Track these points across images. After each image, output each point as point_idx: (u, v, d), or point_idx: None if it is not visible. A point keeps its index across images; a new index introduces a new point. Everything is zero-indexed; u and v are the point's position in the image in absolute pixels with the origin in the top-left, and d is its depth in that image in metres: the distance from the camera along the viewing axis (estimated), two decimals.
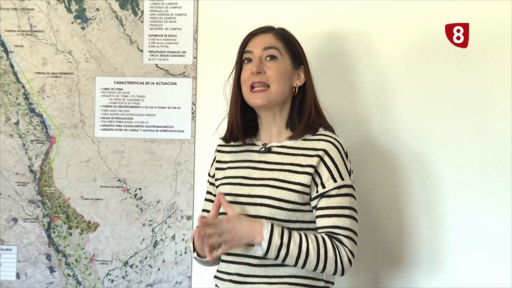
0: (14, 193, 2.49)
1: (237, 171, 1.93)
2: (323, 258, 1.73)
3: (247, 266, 1.81)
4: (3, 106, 2.50)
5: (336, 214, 1.78)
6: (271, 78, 1.85)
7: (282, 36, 1.93)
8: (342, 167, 1.82)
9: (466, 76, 2.54)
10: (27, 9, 2.51)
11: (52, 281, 2.46)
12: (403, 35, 2.50)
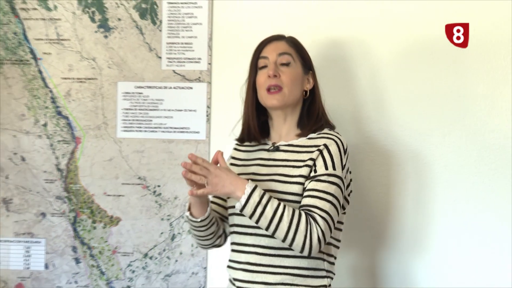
0: (42, 189, 2.57)
1: (248, 168, 2.01)
2: (294, 228, 1.77)
3: (255, 255, 1.88)
4: (33, 109, 2.58)
5: (318, 196, 1.82)
6: (285, 81, 1.93)
7: (294, 43, 2.02)
8: (337, 159, 1.87)
9: (465, 78, 2.56)
10: (54, 19, 2.58)
11: (77, 272, 2.54)
12: (401, 40, 2.54)
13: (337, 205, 1.85)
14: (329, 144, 1.89)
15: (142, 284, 2.53)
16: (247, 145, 2.10)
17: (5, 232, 2.60)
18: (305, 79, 2.00)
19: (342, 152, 1.90)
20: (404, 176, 2.49)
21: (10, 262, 2.60)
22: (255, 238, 1.90)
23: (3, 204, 2.60)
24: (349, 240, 2.41)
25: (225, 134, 2.28)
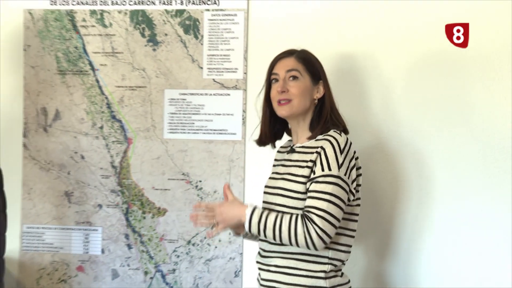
0: (99, 184, 2.72)
1: (275, 168, 2.18)
2: (293, 233, 1.90)
3: (266, 243, 2.06)
4: (90, 114, 2.72)
5: (316, 197, 1.93)
6: (293, 94, 2.06)
7: (302, 58, 2.12)
8: (332, 160, 1.95)
9: (465, 79, 2.56)
10: (110, 35, 2.72)
11: (130, 256, 2.68)
12: (404, 54, 2.57)
13: (336, 201, 1.93)
14: (325, 146, 1.99)
15: (185, 267, 2.65)
16: (283, 147, 2.24)
17: (67, 221, 2.74)
18: (314, 89, 2.10)
19: (337, 152, 1.97)
20: (409, 174, 2.55)
21: (71, 247, 2.75)
22: None
23: (65, 197, 2.74)
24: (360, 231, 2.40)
25: (257, 135, 2.35)
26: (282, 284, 2.01)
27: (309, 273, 1.98)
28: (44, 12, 2.77)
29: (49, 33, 2.77)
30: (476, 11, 2.57)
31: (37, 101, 2.78)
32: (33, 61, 2.79)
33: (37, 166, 2.78)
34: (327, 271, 1.98)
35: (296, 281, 1.98)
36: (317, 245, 1.89)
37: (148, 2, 2.67)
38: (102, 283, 2.72)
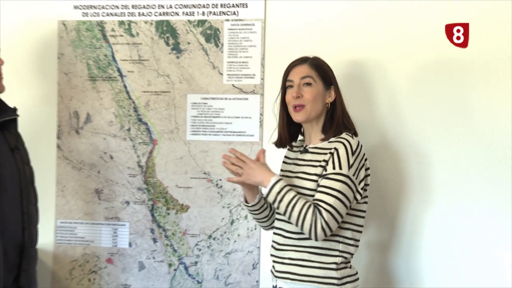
0: (126, 182, 2.79)
1: (289, 166, 2.24)
2: (303, 217, 1.97)
3: (281, 237, 2.14)
4: (119, 117, 2.79)
5: (325, 192, 2.00)
6: (307, 99, 2.12)
7: (315, 65, 2.18)
8: (344, 160, 2.02)
9: (465, 80, 2.54)
10: (137, 43, 2.78)
11: (155, 249, 2.75)
12: (404, 54, 2.58)
13: (342, 199, 2.00)
14: (338, 147, 2.05)
15: (207, 260, 2.71)
16: (295, 147, 2.29)
17: (97, 216, 2.81)
18: (326, 94, 2.16)
19: (349, 154, 2.04)
20: (412, 173, 2.58)
21: (101, 241, 2.81)
22: (282, 223, 2.14)
23: (95, 194, 2.81)
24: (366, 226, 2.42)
25: (275, 137, 2.39)
26: (296, 275, 2.07)
27: (321, 265, 2.05)
28: (76, 23, 2.84)
29: (81, 42, 2.83)
30: (476, 11, 2.55)
31: (69, 105, 2.84)
32: (66, 68, 2.85)
33: (69, 165, 2.84)
34: (338, 263, 2.06)
35: (309, 272, 2.05)
36: (319, 236, 1.98)
37: (172, 13, 2.74)
38: (129, 274, 2.78)
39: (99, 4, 2.82)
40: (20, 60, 2.88)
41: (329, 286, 2.05)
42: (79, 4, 2.84)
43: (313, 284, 2.06)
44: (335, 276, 2.05)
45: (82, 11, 2.84)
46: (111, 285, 2.81)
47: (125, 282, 2.80)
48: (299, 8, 2.66)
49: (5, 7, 2.87)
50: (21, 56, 2.88)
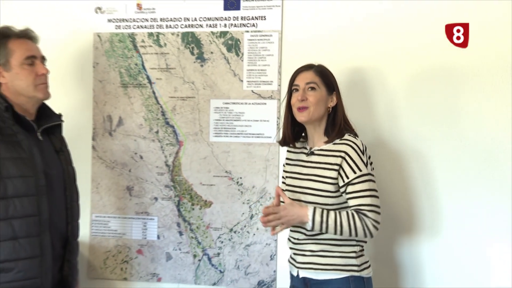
0: (155, 180, 2.86)
1: (294, 168, 2.29)
2: (353, 227, 2.07)
3: (300, 234, 2.22)
4: (148, 120, 2.86)
5: (360, 196, 2.09)
6: (311, 102, 2.19)
7: (320, 72, 2.24)
8: (359, 161, 2.11)
9: (465, 82, 2.53)
10: (164, 53, 2.86)
11: (181, 241, 2.83)
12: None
13: (374, 194, 2.11)
14: (348, 150, 2.13)
15: (228, 251, 2.77)
16: (294, 148, 2.35)
17: (129, 211, 2.89)
18: (328, 99, 2.23)
19: (360, 154, 2.12)
20: (410, 172, 2.62)
21: (132, 234, 2.88)
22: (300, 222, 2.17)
23: (127, 191, 2.89)
24: None
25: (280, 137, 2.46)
26: (318, 265, 2.17)
27: (342, 254, 2.16)
28: (110, 35, 2.91)
29: (114, 53, 2.91)
30: (476, 11, 2.52)
31: (103, 109, 2.92)
32: (100, 76, 2.92)
33: (103, 164, 2.93)
34: (357, 252, 2.17)
35: (331, 262, 2.16)
36: (373, 233, 2.09)
37: (196, 26, 2.81)
38: (158, 264, 2.84)
39: (130, 18, 2.89)
40: (61, 69, 2.93)
41: (350, 273, 2.15)
42: (113, 17, 2.91)
43: (335, 272, 2.16)
44: (355, 264, 2.16)
45: (115, 24, 2.92)
46: (141, 274, 2.88)
47: (154, 271, 2.86)
48: (312, 21, 2.71)
49: (48, 22, 2.94)
50: (62, 65, 2.94)
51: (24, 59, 2.27)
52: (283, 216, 2.13)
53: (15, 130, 2.22)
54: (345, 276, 2.16)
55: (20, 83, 2.27)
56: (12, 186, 2.15)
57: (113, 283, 2.94)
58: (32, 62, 2.29)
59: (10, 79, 2.27)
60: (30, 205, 2.17)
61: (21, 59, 2.27)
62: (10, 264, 2.12)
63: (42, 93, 2.31)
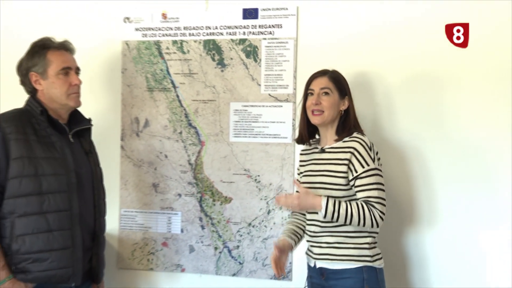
0: (179, 177, 2.89)
1: (307, 167, 2.37)
2: (362, 217, 2.13)
3: (316, 227, 2.28)
4: (172, 122, 2.89)
5: (367, 189, 2.16)
6: (325, 106, 2.27)
7: (333, 78, 2.31)
8: (367, 157, 2.17)
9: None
10: (187, 59, 2.88)
11: (203, 235, 2.86)
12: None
13: (381, 187, 2.17)
14: (356, 147, 2.19)
15: (247, 244, 2.80)
16: (306, 150, 2.43)
17: (154, 206, 2.92)
18: (341, 102, 2.30)
19: (368, 150, 2.19)
20: (409, 168, 2.63)
21: (158, 227, 2.92)
22: (315, 215, 2.26)
23: (153, 187, 2.92)
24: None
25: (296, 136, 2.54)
26: (334, 256, 2.23)
27: (356, 245, 2.21)
28: (137, 42, 2.95)
29: (141, 59, 2.94)
30: (476, 11, 2.46)
31: (131, 112, 2.96)
32: (128, 81, 2.96)
33: (131, 163, 2.96)
34: (370, 243, 2.22)
35: (346, 253, 2.21)
36: (379, 223, 2.15)
37: (217, 33, 2.84)
38: (181, 256, 2.88)
39: (156, 27, 2.93)
40: (93, 75, 2.97)
41: (363, 263, 2.20)
42: (140, 27, 2.96)
43: (349, 262, 2.21)
44: (368, 254, 2.21)
45: (142, 33, 2.95)
46: (166, 265, 2.92)
47: (178, 262, 2.90)
48: (326, 29, 2.74)
49: (82, 32, 2.99)
50: (94, 71, 2.98)
51: (60, 70, 2.37)
52: (297, 205, 2.22)
53: (49, 132, 2.33)
54: (358, 266, 2.21)
55: (55, 91, 2.37)
56: (46, 183, 2.24)
57: (140, 273, 2.98)
58: (67, 73, 2.39)
59: (46, 87, 2.37)
60: (62, 201, 2.27)
61: (57, 70, 2.36)
62: (45, 254, 2.22)
63: (74, 102, 2.40)
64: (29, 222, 2.20)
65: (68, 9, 3.06)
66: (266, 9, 2.81)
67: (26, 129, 2.26)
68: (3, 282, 2.15)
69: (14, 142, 2.22)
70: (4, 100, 2.77)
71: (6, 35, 3.11)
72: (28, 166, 2.22)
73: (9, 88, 2.72)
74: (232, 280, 2.85)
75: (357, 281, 2.20)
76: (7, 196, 2.21)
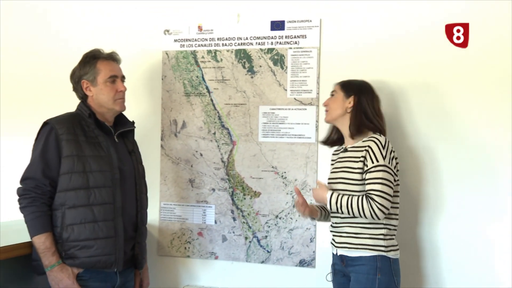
0: (213, 174, 2.93)
1: (335, 164, 2.41)
2: (361, 210, 2.15)
3: (338, 218, 2.33)
4: (207, 124, 2.93)
5: (372, 182, 2.17)
6: (329, 105, 2.37)
7: (343, 82, 2.36)
8: (378, 154, 2.17)
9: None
10: (221, 67, 2.92)
11: (234, 226, 2.89)
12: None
13: (386, 183, 2.16)
14: (371, 145, 2.21)
15: (274, 235, 2.82)
16: (337, 150, 2.47)
17: (191, 200, 2.96)
18: (346, 101, 2.31)
19: (380, 147, 2.18)
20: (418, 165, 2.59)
21: (194, 219, 2.96)
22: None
23: (189, 183, 2.96)
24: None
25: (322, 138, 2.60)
26: (352, 245, 2.26)
27: (371, 236, 2.23)
28: (176, 52, 2.99)
29: (179, 67, 2.98)
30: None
31: (170, 115, 2.99)
32: (168, 87, 3.00)
33: (170, 161, 2.99)
34: (385, 234, 2.23)
35: (362, 242, 2.24)
36: (379, 215, 2.15)
37: (247, 44, 2.87)
38: (215, 244, 2.92)
39: (192, 38, 2.97)
40: (136, 82, 3.01)
41: (378, 252, 2.23)
42: (178, 38, 3.00)
43: (365, 251, 2.24)
44: (383, 245, 2.22)
45: (180, 43, 3.00)
46: (201, 253, 2.96)
47: (212, 251, 2.94)
48: (346, 39, 2.74)
49: (126, 43, 3.03)
50: (137, 78, 3.02)
51: (108, 78, 2.45)
52: (313, 195, 2.36)
53: (96, 133, 2.42)
54: (373, 255, 2.23)
55: (103, 97, 2.45)
56: (93, 179, 2.32)
57: (178, 259, 3.02)
58: (114, 81, 2.46)
59: (95, 93, 2.46)
60: (107, 195, 2.33)
61: (105, 78, 2.44)
62: (91, 242, 2.29)
63: (119, 106, 2.48)
64: (77, 213, 2.27)
65: (116, 23, 3.12)
66: (292, 21, 2.83)
67: (76, 130, 2.33)
68: (53, 266, 2.24)
69: (66, 142, 2.29)
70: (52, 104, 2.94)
71: (66, 49, 3.18)
72: (77, 163, 2.29)
73: (62, 92, 2.80)
74: (261, 267, 2.86)
75: (371, 268, 2.22)
76: (59, 190, 2.31)
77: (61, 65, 3.00)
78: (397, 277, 2.26)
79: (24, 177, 2.31)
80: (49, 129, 2.32)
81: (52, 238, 2.27)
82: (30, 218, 2.25)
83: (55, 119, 2.38)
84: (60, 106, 2.55)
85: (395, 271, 2.26)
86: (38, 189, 2.27)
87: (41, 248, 2.23)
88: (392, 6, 2.61)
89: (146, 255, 2.61)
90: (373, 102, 2.34)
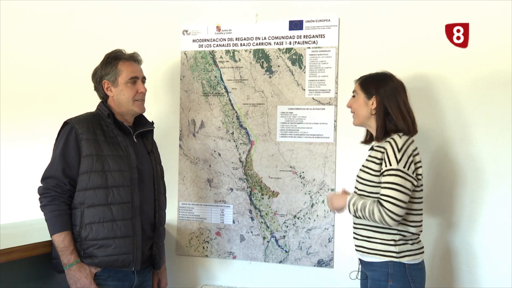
0: (231, 173, 2.90)
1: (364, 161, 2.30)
2: (372, 215, 2.08)
3: (355, 218, 2.25)
4: (225, 124, 2.90)
5: (384, 187, 2.07)
6: (353, 108, 2.28)
7: (361, 80, 2.26)
8: (392, 157, 2.07)
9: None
10: (239, 67, 2.90)
11: (252, 225, 2.87)
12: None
13: (397, 188, 2.04)
14: (387, 147, 2.11)
15: (292, 234, 2.78)
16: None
17: (209, 200, 2.93)
18: (369, 102, 2.20)
19: (395, 150, 2.07)
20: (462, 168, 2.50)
21: (212, 218, 2.94)
22: None
23: (207, 182, 2.93)
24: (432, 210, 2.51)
25: (347, 139, 2.63)
26: (364, 248, 2.20)
27: (382, 241, 2.15)
28: (194, 52, 2.97)
29: (197, 67, 2.96)
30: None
31: (188, 115, 2.98)
32: (186, 87, 2.98)
33: (188, 160, 2.97)
34: (396, 240, 2.12)
35: (373, 246, 2.16)
36: (389, 222, 2.05)
37: (266, 43, 2.85)
38: (233, 244, 2.90)
39: (211, 38, 2.95)
40: (156, 82, 3.01)
41: (389, 258, 2.13)
42: (196, 38, 2.98)
43: (376, 256, 2.16)
44: (393, 250, 2.12)
45: (198, 44, 2.98)
46: (219, 252, 2.94)
47: (230, 250, 2.92)
48: (364, 38, 2.70)
49: (147, 44, 3.02)
50: (156, 78, 3.02)
51: (129, 79, 2.41)
52: (332, 204, 2.31)
53: (115, 133, 2.38)
54: (384, 261, 2.14)
55: (123, 97, 2.41)
56: (111, 178, 2.29)
57: (196, 259, 3.00)
58: (134, 82, 2.43)
59: (116, 94, 2.42)
60: (125, 194, 2.30)
61: (126, 79, 2.41)
62: (109, 241, 2.26)
63: (139, 108, 2.45)
64: (96, 212, 2.24)
65: (136, 24, 3.11)
66: (310, 20, 2.79)
67: (96, 130, 2.31)
68: (71, 265, 2.21)
69: (85, 142, 2.27)
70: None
71: (86, 50, 3.19)
72: (97, 163, 2.27)
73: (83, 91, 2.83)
74: (279, 267, 2.84)
75: (382, 274, 2.14)
76: (78, 189, 2.27)
77: (79, 65, 3.07)
78: (415, 283, 2.14)
79: (45, 176, 2.29)
80: (69, 129, 2.31)
81: (71, 236, 2.24)
82: (50, 217, 2.23)
83: (75, 119, 2.36)
84: (73, 107, 2.58)
85: (412, 277, 2.14)
86: (58, 188, 2.25)
87: (60, 246, 2.21)
88: (407, 5, 2.55)
89: (164, 255, 2.59)
90: (396, 98, 2.18)
